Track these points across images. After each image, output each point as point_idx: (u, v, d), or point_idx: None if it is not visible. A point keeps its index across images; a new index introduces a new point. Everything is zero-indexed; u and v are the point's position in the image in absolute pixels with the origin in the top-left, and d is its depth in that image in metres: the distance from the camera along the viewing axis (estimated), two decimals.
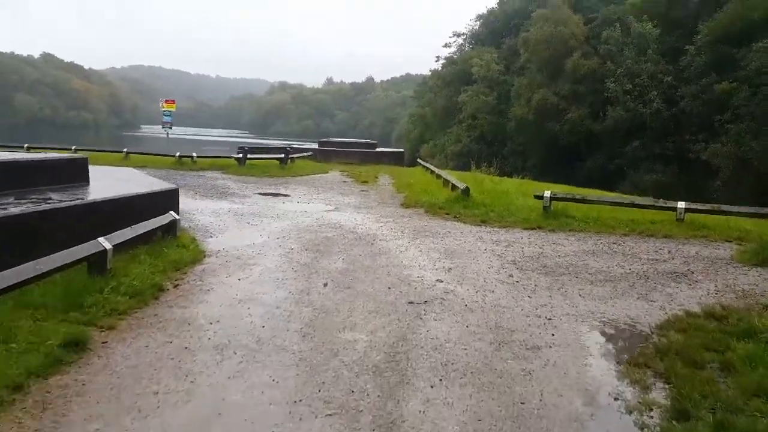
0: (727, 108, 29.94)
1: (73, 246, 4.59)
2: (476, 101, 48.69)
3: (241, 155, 17.37)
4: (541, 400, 3.38)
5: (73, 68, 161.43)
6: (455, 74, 56.24)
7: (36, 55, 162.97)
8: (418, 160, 25.09)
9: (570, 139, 39.86)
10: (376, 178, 17.71)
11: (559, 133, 40.41)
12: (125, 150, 18.54)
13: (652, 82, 35.39)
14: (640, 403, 3.37)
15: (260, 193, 12.58)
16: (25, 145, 19.45)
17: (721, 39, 31.77)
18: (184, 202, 10.48)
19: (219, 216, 9.35)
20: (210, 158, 18.57)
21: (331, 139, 28.22)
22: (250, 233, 8.08)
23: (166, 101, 24.63)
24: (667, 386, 3.56)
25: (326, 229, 8.58)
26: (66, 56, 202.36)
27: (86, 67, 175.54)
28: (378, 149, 26.18)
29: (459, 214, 10.06)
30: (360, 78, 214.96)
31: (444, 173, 14.41)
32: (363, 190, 13.95)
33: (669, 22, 37.11)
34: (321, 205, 11.20)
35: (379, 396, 3.35)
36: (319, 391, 3.39)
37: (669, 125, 36.12)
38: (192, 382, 3.46)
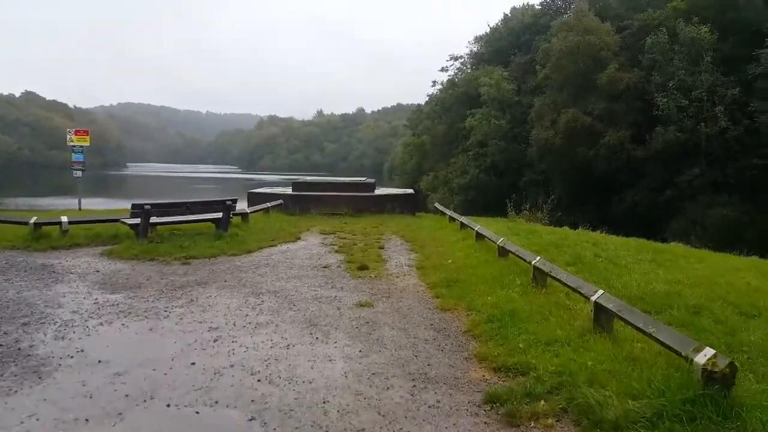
0: None
1: None
2: (486, 126, 41.68)
3: (139, 219, 9.66)
4: None
5: (56, 106, 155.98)
6: (457, 97, 49.60)
7: (17, 94, 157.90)
8: (437, 205, 17.54)
9: (607, 167, 32.60)
10: (382, 249, 10.11)
11: (593, 159, 33.20)
12: None
13: (713, 97, 28.44)
14: None
15: (90, 358, 4.83)
16: None
17: None
18: None
19: None
20: (94, 223, 10.87)
21: (311, 178, 20.65)
22: None
23: (76, 132, 17.08)
24: None
25: None
26: (53, 96, 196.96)
27: (71, 105, 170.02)
28: (378, 191, 18.55)
29: None
30: (350, 109, 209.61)
31: (535, 259, 6.69)
32: (361, 305, 6.23)
33: (723, 26, 30.39)
34: None
35: None
36: None
37: (733, 147, 29.05)
38: None
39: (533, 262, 6.50)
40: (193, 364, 4.40)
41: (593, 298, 4.75)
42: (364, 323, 5.52)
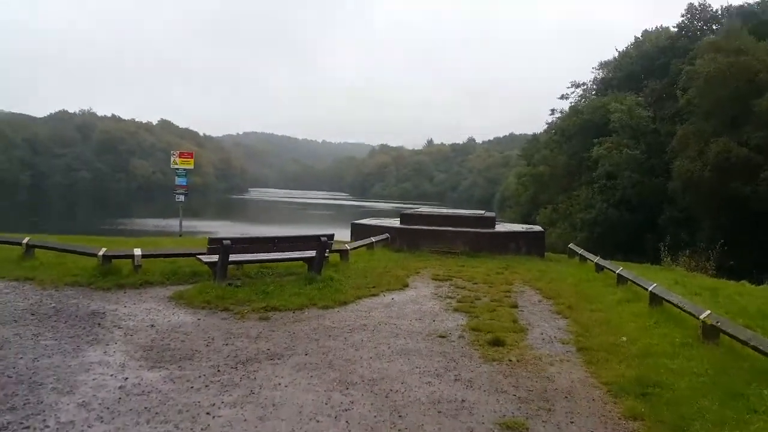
0: None
1: None
2: (616, 156, 37.41)
3: (216, 257, 8.04)
4: None
5: (188, 134, 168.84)
6: (581, 125, 45.54)
7: (155, 122, 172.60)
8: (572, 247, 14.65)
9: (766, 206, 27.22)
10: (516, 309, 7.66)
11: (750, 196, 27.99)
12: (26, 241, 9.84)
13: None
14: None
15: None
16: None
17: None
18: None
19: None
20: (169, 257, 9.41)
21: (422, 210, 18.50)
22: None
23: (180, 154, 16.52)
24: None
25: None
26: (186, 124, 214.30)
27: (201, 133, 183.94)
28: (499, 227, 16.01)
29: None
30: (460, 139, 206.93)
31: None
32: (508, 427, 3.89)
33: None
34: None
35: None
36: None
37: None
38: None
39: None
40: None
41: None
42: None
